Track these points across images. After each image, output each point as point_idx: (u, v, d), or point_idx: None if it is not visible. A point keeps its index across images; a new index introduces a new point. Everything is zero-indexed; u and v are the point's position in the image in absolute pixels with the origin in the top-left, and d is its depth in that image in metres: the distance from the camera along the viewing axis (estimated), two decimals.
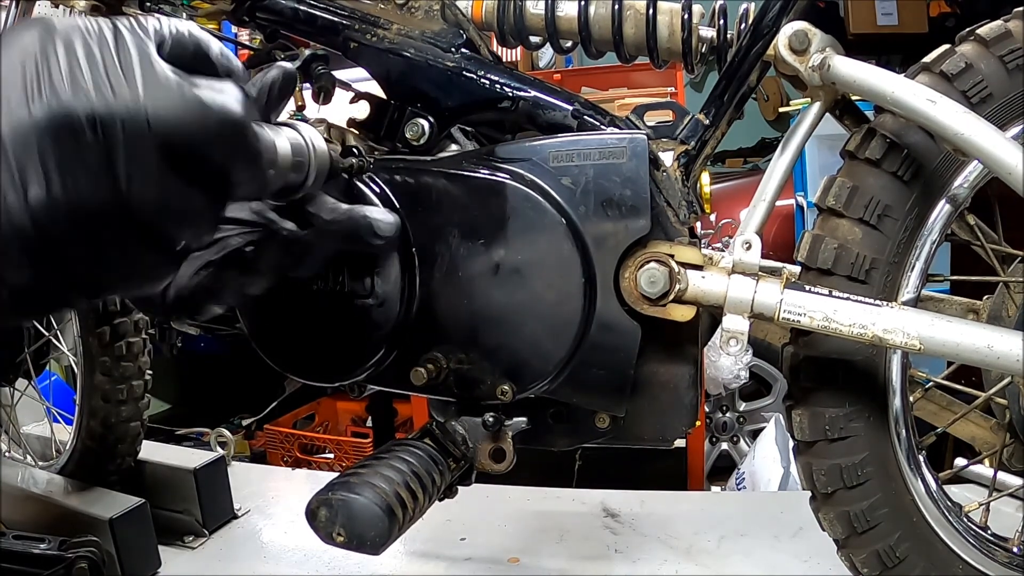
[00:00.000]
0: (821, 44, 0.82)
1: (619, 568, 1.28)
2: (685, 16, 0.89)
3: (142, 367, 1.39)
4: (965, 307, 0.97)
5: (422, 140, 0.85)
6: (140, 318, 1.37)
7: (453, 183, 0.81)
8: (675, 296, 0.78)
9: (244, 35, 2.22)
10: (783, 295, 0.77)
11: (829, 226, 0.83)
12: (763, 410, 2.92)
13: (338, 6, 0.90)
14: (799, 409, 0.85)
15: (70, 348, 1.43)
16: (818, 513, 0.88)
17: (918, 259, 0.83)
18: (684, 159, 0.85)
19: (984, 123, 0.74)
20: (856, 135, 0.84)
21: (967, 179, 0.82)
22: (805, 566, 1.24)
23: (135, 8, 1.07)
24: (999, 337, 0.73)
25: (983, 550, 0.86)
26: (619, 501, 1.49)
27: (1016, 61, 0.80)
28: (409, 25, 0.89)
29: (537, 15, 0.92)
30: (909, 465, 0.84)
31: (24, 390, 1.53)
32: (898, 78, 0.78)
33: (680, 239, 0.81)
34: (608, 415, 0.84)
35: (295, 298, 0.83)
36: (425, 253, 0.81)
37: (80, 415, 1.40)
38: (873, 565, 0.85)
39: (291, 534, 1.45)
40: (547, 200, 0.78)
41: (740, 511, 1.48)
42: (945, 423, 0.97)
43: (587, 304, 0.79)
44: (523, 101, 0.86)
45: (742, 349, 0.79)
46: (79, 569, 1.09)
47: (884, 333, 0.74)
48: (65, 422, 1.51)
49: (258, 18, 0.92)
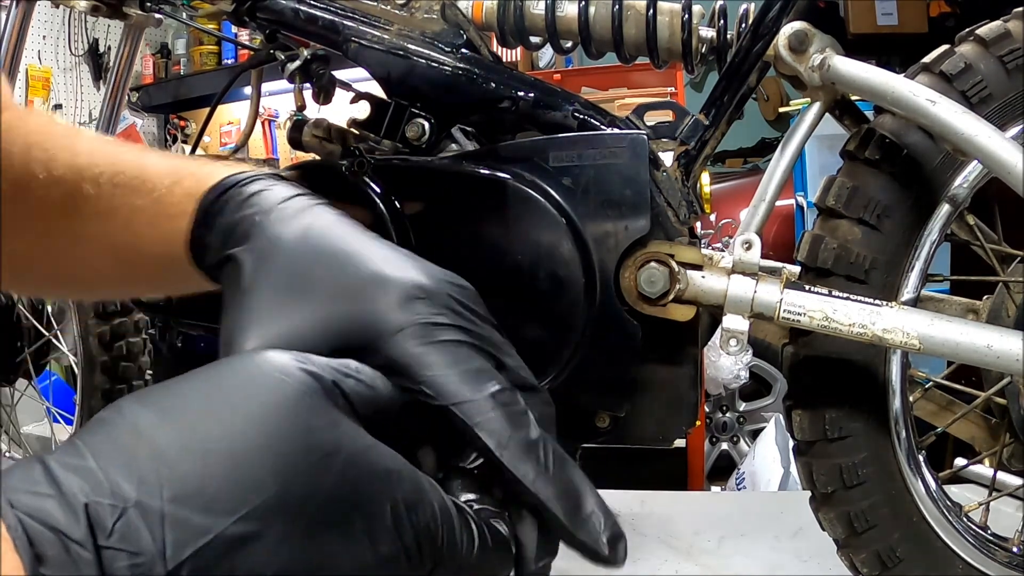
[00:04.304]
0: (821, 44, 0.82)
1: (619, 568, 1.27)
2: (685, 16, 0.89)
3: (142, 367, 1.39)
4: (965, 307, 0.97)
5: (422, 140, 0.85)
6: (140, 318, 1.37)
7: (453, 183, 0.81)
8: (675, 296, 0.78)
9: (244, 35, 2.22)
10: (783, 295, 0.77)
11: (829, 226, 0.83)
12: (763, 410, 2.92)
13: (338, 6, 0.90)
14: (799, 409, 0.85)
15: (70, 348, 1.43)
16: (818, 513, 0.88)
17: (918, 259, 0.83)
18: (684, 159, 0.85)
19: (984, 123, 0.74)
20: (856, 135, 0.84)
21: (967, 179, 0.82)
22: (805, 566, 1.24)
23: (135, 8, 1.07)
24: (999, 337, 0.73)
25: (983, 550, 0.86)
26: (619, 501, 1.48)
27: (1016, 61, 0.80)
28: (409, 25, 0.89)
29: (537, 15, 0.92)
30: (909, 465, 0.84)
31: (24, 390, 1.53)
32: (898, 78, 0.78)
33: (680, 239, 0.81)
34: (608, 415, 0.84)
35: None
36: (425, 253, 0.81)
37: (80, 415, 1.40)
38: (873, 565, 0.85)
39: None
40: (547, 200, 0.78)
41: (740, 511, 1.48)
42: (945, 423, 0.97)
43: (587, 304, 0.79)
44: (523, 101, 0.86)
45: (742, 349, 0.79)
46: None
47: (884, 333, 0.74)
48: (65, 422, 1.51)
49: (258, 18, 0.92)
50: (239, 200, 0.47)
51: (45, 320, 1.47)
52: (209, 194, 0.48)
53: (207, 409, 0.33)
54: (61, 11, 3.68)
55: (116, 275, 0.56)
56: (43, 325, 1.46)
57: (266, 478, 0.32)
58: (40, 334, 1.45)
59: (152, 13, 1.08)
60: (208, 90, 3.97)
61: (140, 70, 4.25)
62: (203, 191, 0.48)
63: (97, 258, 0.54)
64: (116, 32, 1.20)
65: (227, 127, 4.15)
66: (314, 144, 0.90)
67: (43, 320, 1.46)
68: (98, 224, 0.52)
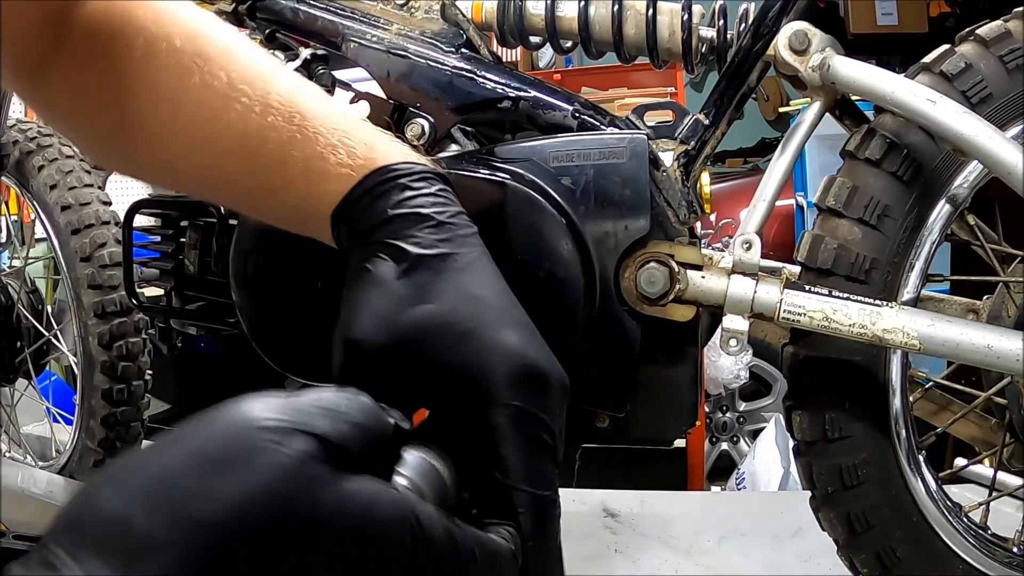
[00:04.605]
0: (821, 44, 0.82)
1: (619, 568, 1.27)
2: (685, 16, 0.89)
3: (142, 367, 1.39)
4: (965, 307, 0.97)
5: (422, 140, 0.85)
6: (140, 318, 1.37)
7: (453, 183, 0.81)
8: (675, 296, 0.78)
9: None
10: (783, 295, 0.77)
11: (829, 226, 0.83)
12: (763, 410, 2.92)
13: (338, 6, 0.90)
14: (799, 409, 0.85)
15: (70, 348, 1.43)
16: (818, 513, 0.88)
17: (918, 259, 0.83)
18: (684, 159, 0.85)
19: (984, 123, 0.74)
20: (856, 135, 0.84)
21: (967, 179, 0.82)
22: (805, 566, 1.24)
23: None
24: (999, 337, 0.73)
25: (983, 550, 0.86)
26: (619, 501, 1.48)
27: (1016, 61, 0.80)
28: (409, 25, 0.89)
29: (537, 15, 0.92)
30: (909, 465, 0.84)
31: (24, 390, 1.53)
32: (898, 78, 0.78)
33: (680, 239, 0.81)
34: (608, 415, 0.84)
35: (294, 298, 0.83)
36: None
37: (80, 415, 1.40)
38: (873, 565, 0.85)
39: None
40: (547, 200, 0.78)
41: (740, 511, 1.48)
42: (945, 423, 0.97)
43: (587, 304, 0.79)
44: (523, 101, 0.86)
45: (742, 349, 0.79)
46: None
47: (884, 333, 0.74)
48: (65, 422, 1.51)
49: (258, 18, 0.92)
50: (402, 197, 0.48)
51: (45, 320, 1.47)
52: (376, 175, 0.48)
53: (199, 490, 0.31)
54: None
55: (243, 173, 0.54)
56: (43, 325, 1.46)
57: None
58: (40, 334, 1.45)
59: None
60: None
61: None
62: (372, 168, 0.49)
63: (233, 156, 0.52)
64: None
65: None
66: None
67: (43, 320, 1.47)
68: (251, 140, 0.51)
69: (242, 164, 0.52)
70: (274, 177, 0.51)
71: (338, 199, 0.49)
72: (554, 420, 0.45)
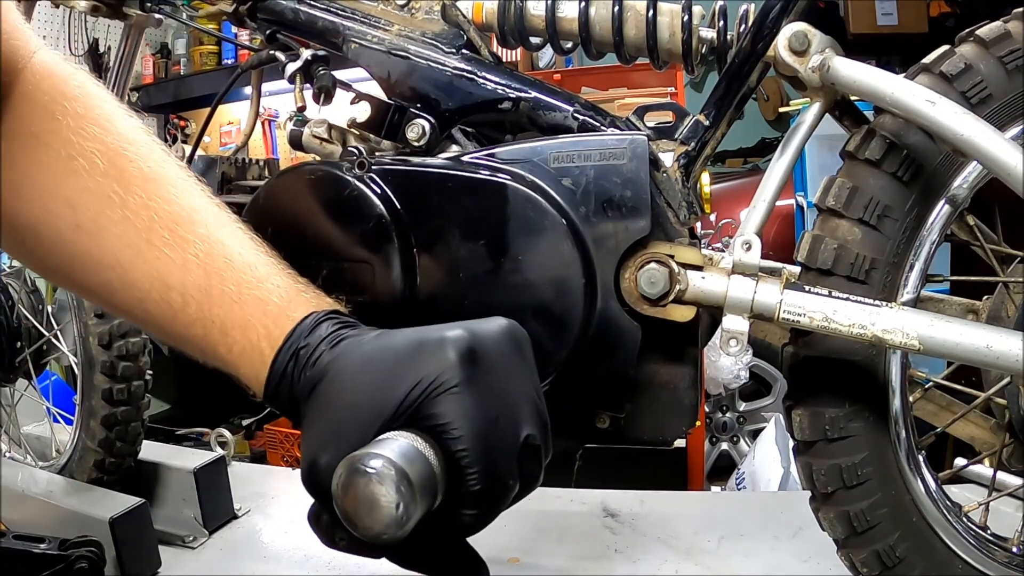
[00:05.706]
0: (821, 45, 0.82)
1: (619, 568, 1.28)
2: (685, 17, 0.89)
3: (142, 367, 1.39)
4: (965, 307, 0.97)
5: (423, 141, 0.86)
6: None
7: (454, 184, 0.81)
8: (675, 296, 0.78)
9: (244, 35, 2.22)
10: (783, 295, 0.77)
11: (829, 226, 0.83)
12: (763, 410, 2.92)
13: (338, 7, 0.90)
14: (799, 409, 0.85)
15: (70, 348, 1.43)
16: (818, 513, 0.88)
17: (918, 259, 0.83)
18: (684, 160, 0.85)
19: (984, 124, 0.74)
20: (856, 135, 0.84)
21: (967, 179, 0.82)
22: (805, 566, 1.24)
23: (135, 8, 1.07)
24: (999, 337, 0.73)
25: (983, 550, 0.86)
26: (619, 501, 1.48)
27: (1016, 62, 0.80)
28: (409, 26, 0.89)
29: (538, 16, 0.92)
30: (909, 465, 0.85)
31: (24, 390, 1.53)
32: (898, 79, 0.78)
33: (680, 240, 0.81)
34: (608, 415, 0.84)
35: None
36: (426, 254, 0.81)
37: (80, 415, 1.40)
38: (873, 565, 0.85)
39: (291, 534, 1.45)
40: (548, 201, 0.79)
41: (740, 511, 1.47)
42: (945, 423, 0.97)
43: (587, 305, 0.79)
44: (524, 102, 0.86)
45: (742, 349, 0.79)
46: (79, 569, 1.09)
47: (883, 333, 0.75)
48: (65, 422, 1.51)
49: (258, 19, 0.92)
50: (309, 360, 0.57)
51: (45, 320, 1.46)
52: (283, 353, 0.58)
53: None
54: (61, 11, 3.68)
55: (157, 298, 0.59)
56: (43, 325, 1.45)
57: None
58: (40, 334, 1.45)
59: (152, 13, 1.09)
60: (208, 90, 3.96)
61: (140, 70, 4.25)
62: (277, 347, 0.58)
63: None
64: (116, 32, 1.20)
65: (227, 127, 4.15)
66: (314, 144, 0.90)
67: (43, 320, 1.46)
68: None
69: (164, 312, 0.59)
70: (195, 337, 0.60)
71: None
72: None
